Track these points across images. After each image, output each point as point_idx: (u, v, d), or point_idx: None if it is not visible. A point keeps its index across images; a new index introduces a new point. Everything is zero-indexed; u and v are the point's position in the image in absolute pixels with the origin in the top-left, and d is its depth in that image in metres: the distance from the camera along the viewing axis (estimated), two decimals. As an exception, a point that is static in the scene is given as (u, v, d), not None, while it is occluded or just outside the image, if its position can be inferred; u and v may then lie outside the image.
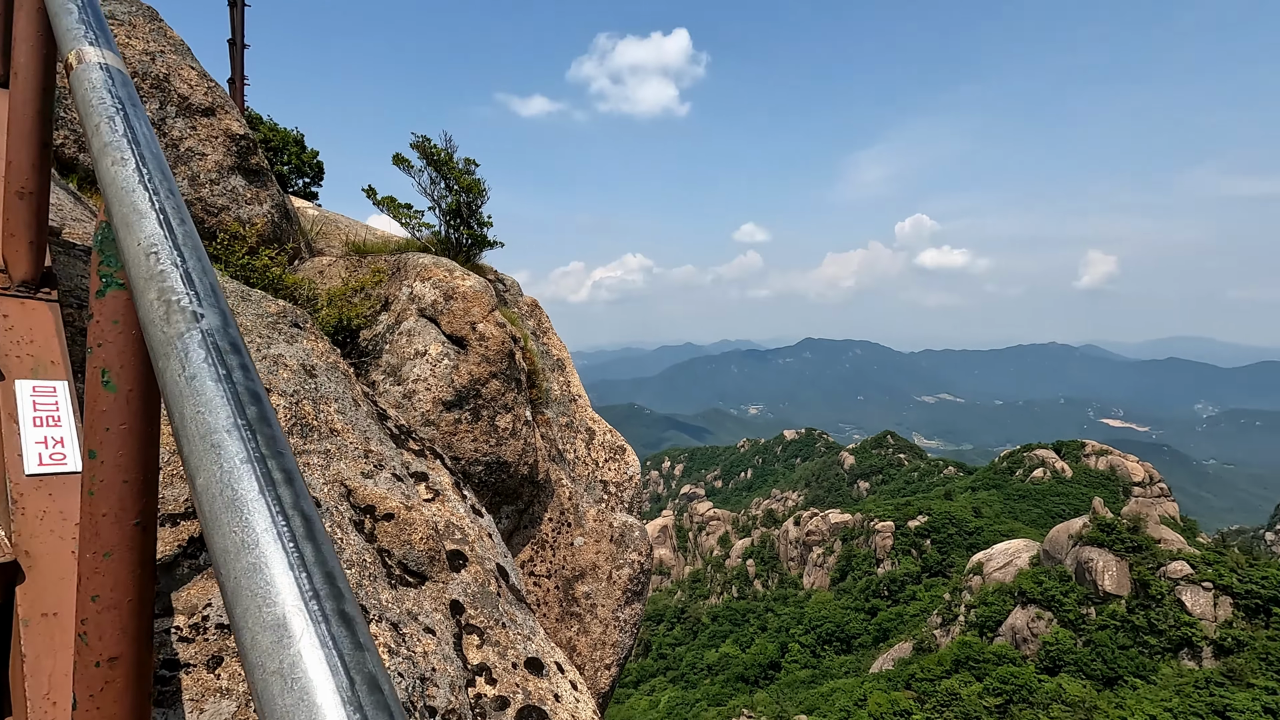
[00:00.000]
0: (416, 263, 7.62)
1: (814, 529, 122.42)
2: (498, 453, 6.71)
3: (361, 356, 7.09)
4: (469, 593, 3.55)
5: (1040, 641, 69.86)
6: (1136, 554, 69.95)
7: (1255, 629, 60.50)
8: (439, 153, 8.40)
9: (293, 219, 8.19)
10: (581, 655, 6.68)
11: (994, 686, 66.09)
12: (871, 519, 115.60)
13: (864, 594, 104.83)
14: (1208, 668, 58.91)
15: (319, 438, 3.63)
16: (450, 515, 4.06)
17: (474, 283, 7.24)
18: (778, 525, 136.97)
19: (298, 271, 7.98)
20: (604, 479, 8.50)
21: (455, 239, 8.74)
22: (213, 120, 6.91)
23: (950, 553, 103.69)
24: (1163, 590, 66.09)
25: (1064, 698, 60.85)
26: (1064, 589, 72.37)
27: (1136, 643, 64.82)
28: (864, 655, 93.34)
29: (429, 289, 7.16)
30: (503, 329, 7.13)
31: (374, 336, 7.21)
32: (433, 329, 6.96)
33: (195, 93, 6.77)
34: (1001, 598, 77.20)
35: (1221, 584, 64.12)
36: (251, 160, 7.24)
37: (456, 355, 6.78)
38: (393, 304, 7.45)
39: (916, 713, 66.47)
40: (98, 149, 1.44)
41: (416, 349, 6.80)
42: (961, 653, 71.51)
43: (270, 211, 7.31)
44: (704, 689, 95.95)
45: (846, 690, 74.87)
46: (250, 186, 7.16)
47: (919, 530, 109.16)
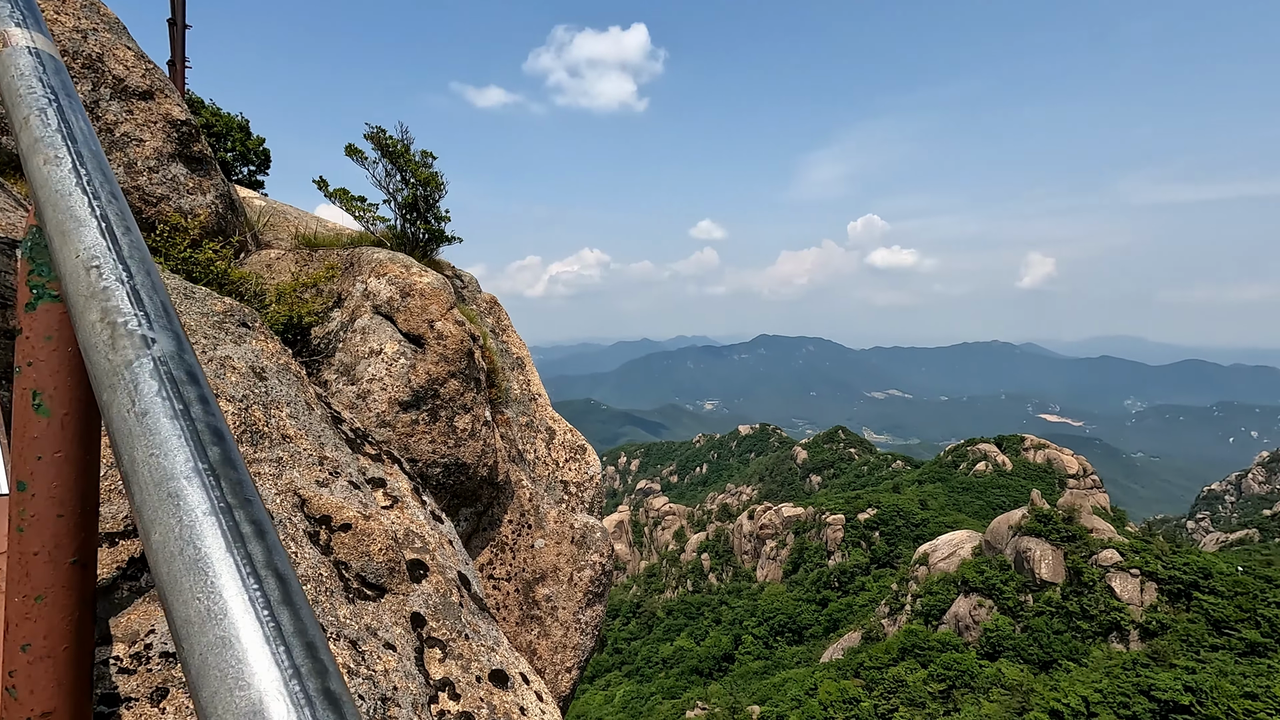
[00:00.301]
0: (371, 258, 7.37)
1: (767, 523, 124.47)
2: (456, 454, 6.54)
3: (313, 355, 6.81)
4: (430, 604, 3.43)
5: (981, 628, 72.61)
6: (1071, 543, 73.31)
7: (1177, 612, 64.20)
8: (394, 144, 8.13)
9: (238, 210, 7.82)
10: (542, 659, 6.59)
11: (938, 673, 68.42)
12: (823, 512, 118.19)
13: (815, 585, 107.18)
14: (1134, 650, 62.24)
15: (270, 445, 3.44)
16: (410, 522, 3.91)
17: (432, 279, 7.03)
18: (732, 519, 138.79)
19: (244, 265, 7.63)
20: (564, 479, 8.38)
21: (412, 234, 8.48)
22: (151, 104, 6.52)
23: (898, 544, 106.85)
24: (1094, 577, 69.44)
25: (1003, 681, 63.40)
26: (1004, 578, 75.36)
27: (1070, 627, 67.99)
28: (815, 645, 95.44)
29: (385, 285, 6.92)
30: (461, 327, 6.95)
31: (326, 334, 6.94)
32: (389, 327, 6.73)
33: (132, 74, 6.37)
34: (946, 587, 79.91)
35: (1147, 571, 67.76)
36: (194, 147, 6.86)
37: (414, 354, 6.58)
38: (346, 300, 7.18)
39: (864, 700, 68.29)
40: (27, 145, 1.27)
41: (371, 347, 6.56)
42: (908, 641, 73.78)
43: (214, 202, 6.95)
44: (659, 682, 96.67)
45: (798, 680, 76.44)
46: (192, 175, 6.78)
47: (868, 523, 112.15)
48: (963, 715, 60.96)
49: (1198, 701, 48.12)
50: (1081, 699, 53.74)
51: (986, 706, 60.12)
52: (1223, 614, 61.10)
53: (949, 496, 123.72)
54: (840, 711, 67.91)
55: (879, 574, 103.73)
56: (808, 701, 69.54)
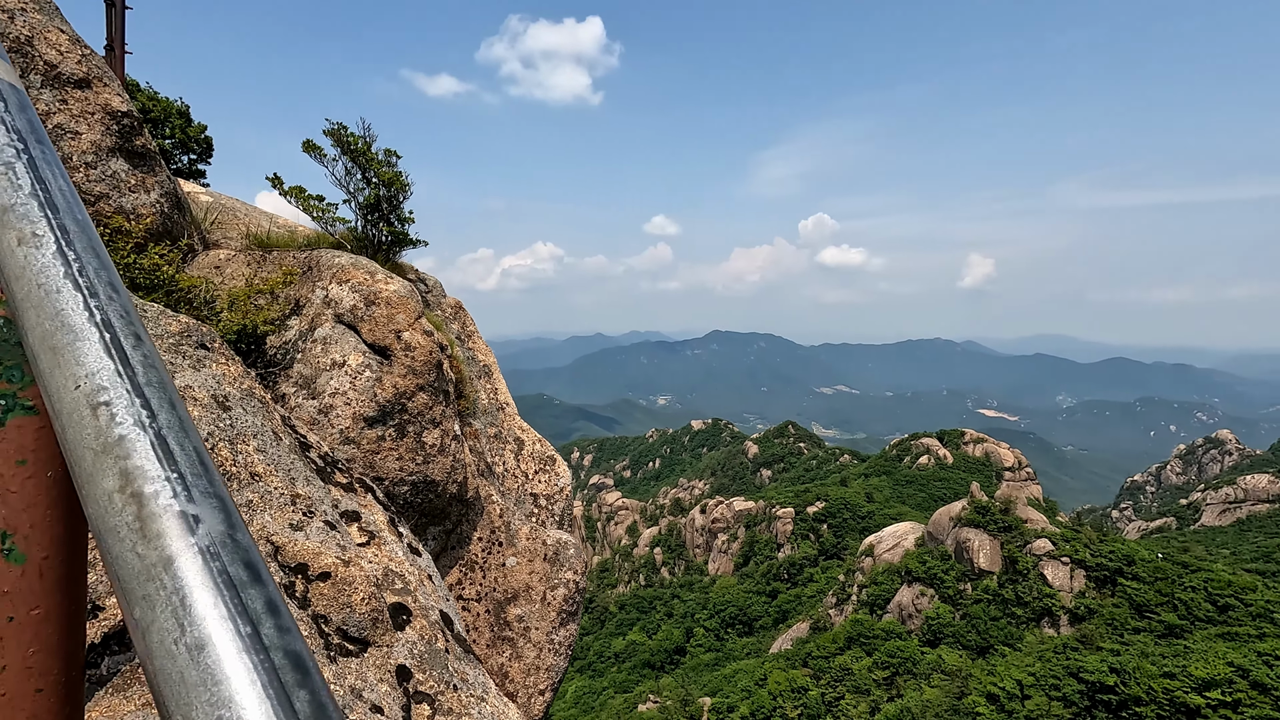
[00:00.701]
0: (332, 262, 6.97)
1: (719, 516, 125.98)
2: (425, 471, 6.25)
3: (269, 367, 6.40)
4: (416, 653, 3.20)
5: (924, 617, 75.21)
6: (1007, 533, 76.57)
7: (1103, 597, 67.85)
8: (356, 141, 7.71)
9: (185, 208, 7.29)
10: (514, 682, 6.38)
11: (882, 660, 70.61)
12: (773, 506, 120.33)
13: (765, 578, 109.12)
14: (1065, 634, 65.53)
15: (239, 486, 3.13)
16: (389, 560, 3.66)
17: (398, 287, 6.70)
18: (684, 514, 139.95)
19: (191, 269, 7.13)
20: (534, 492, 8.13)
21: (373, 236, 8.08)
22: (88, 94, 5.99)
23: (845, 536, 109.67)
24: (1028, 566, 72.72)
25: (943, 667, 65.89)
26: (945, 567, 78.21)
27: (1005, 614, 71.07)
28: (765, 636, 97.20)
29: (348, 293, 6.55)
30: (430, 338, 6.65)
31: (284, 344, 6.53)
32: (352, 337, 6.37)
33: (66, 60, 5.83)
34: (890, 577, 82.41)
35: (1077, 559, 71.35)
36: (136, 141, 6.34)
37: (380, 366, 6.24)
38: (305, 307, 6.77)
39: (812, 689, 69.97)
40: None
41: (334, 359, 6.20)
42: (854, 630, 75.89)
43: (159, 201, 6.45)
44: (610, 677, 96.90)
45: (748, 671, 77.69)
46: (135, 171, 6.27)
47: (817, 515, 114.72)
48: (905, 701, 63.07)
49: (1121, 682, 50.97)
50: (1016, 682, 56.27)
51: (928, 692, 62.37)
52: (1144, 598, 64.88)
53: (894, 489, 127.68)
54: (789, 701, 69.40)
55: (827, 565, 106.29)
56: (757, 692, 70.80)
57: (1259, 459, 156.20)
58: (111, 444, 0.74)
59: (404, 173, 7.98)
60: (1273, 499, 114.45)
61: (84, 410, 0.76)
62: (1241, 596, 60.81)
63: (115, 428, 0.75)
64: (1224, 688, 46.33)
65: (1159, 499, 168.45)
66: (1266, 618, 57.55)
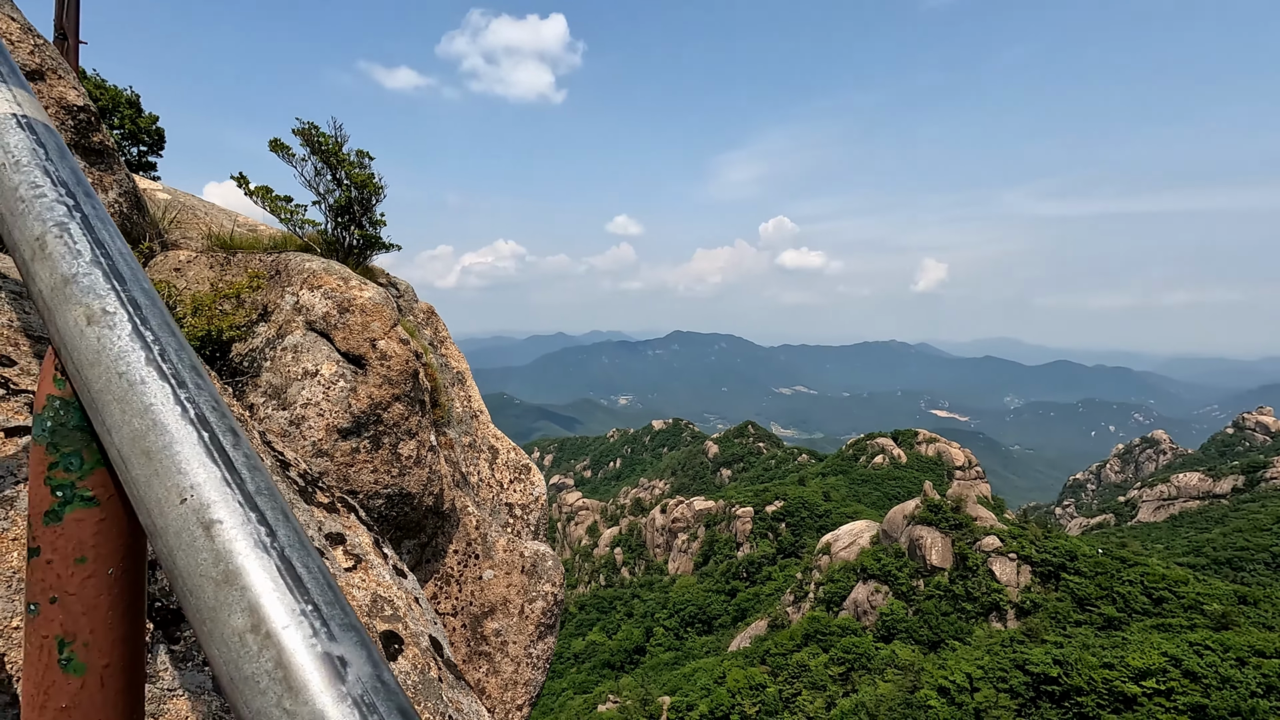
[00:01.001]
0: (303, 267, 6.73)
1: (679, 516, 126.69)
2: (400, 484, 6.09)
3: (235, 375, 6.15)
4: (410, 684, 3.09)
5: (878, 613, 77.03)
6: (958, 531, 78.99)
7: (1048, 592, 70.56)
8: (328, 142, 7.46)
9: (144, 209, 6.96)
10: (491, 698, 6.27)
11: (838, 656, 72.08)
12: (733, 505, 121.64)
13: (725, 576, 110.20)
14: (1011, 628, 67.92)
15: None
16: (377, 585, 3.54)
17: (373, 294, 6.51)
18: (645, 514, 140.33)
19: (150, 271, 6.80)
20: (509, 501, 7.98)
21: (344, 239, 7.84)
22: (41, 86, 5.65)
23: (803, 534, 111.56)
24: (978, 562, 75.16)
25: (896, 662, 67.61)
26: (899, 564, 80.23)
27: (956, 609, 73.30)
28: (724, 635, 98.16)
29: (320, 300, 6.34)
30: (406, 346, 6.48)
31: (251, 351, 6.28)
32: (325, 345, 6.17)
33: (17, 51, 5.49)
34: (846, 575, 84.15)
35: (1023, 555, 74.04)
36: (93, 138, 6.02)
37: (354, 376, 6.05)
38: (273, 313, 6.52)
39: (770, 686, 70.96)
40: (49, 287, 0.77)
41: (305, 368, 5.99)
42: (811, 627, 77.24)
43: (118, 201, 6.13)
44: (570, 678, 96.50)
45: (707, 669, 78.34)
46: (92, 170, 5.94)
47: (775, 514, 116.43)
48: (860, 696, 64.50)
49: (1064, 673, 53.10)
50: (965, 676, 58.10)
51: (882, 687, 63.92)
52: (1085, 592, 67.73)
53: (850, 488, 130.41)
54: (747, 698, 70.26)
55: (785, 564, 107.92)
56: (716, 690, 71.47)
57: (1190, 458, 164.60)
58: (234, 573, 0.65)
59: (377, 174, 7.77)
60: (1202, 496, 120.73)
61: (195, 531, 0.67)
62: (1175, 590, 64.00)
63: (235, 554, 0.66)
64: (1159, 677, 48.69)
65: (1099, 496, 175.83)
66: (1197, 609, 60.71)
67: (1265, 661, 47.54)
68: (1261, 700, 45.04)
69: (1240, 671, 47.59)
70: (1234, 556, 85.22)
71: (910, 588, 77.87)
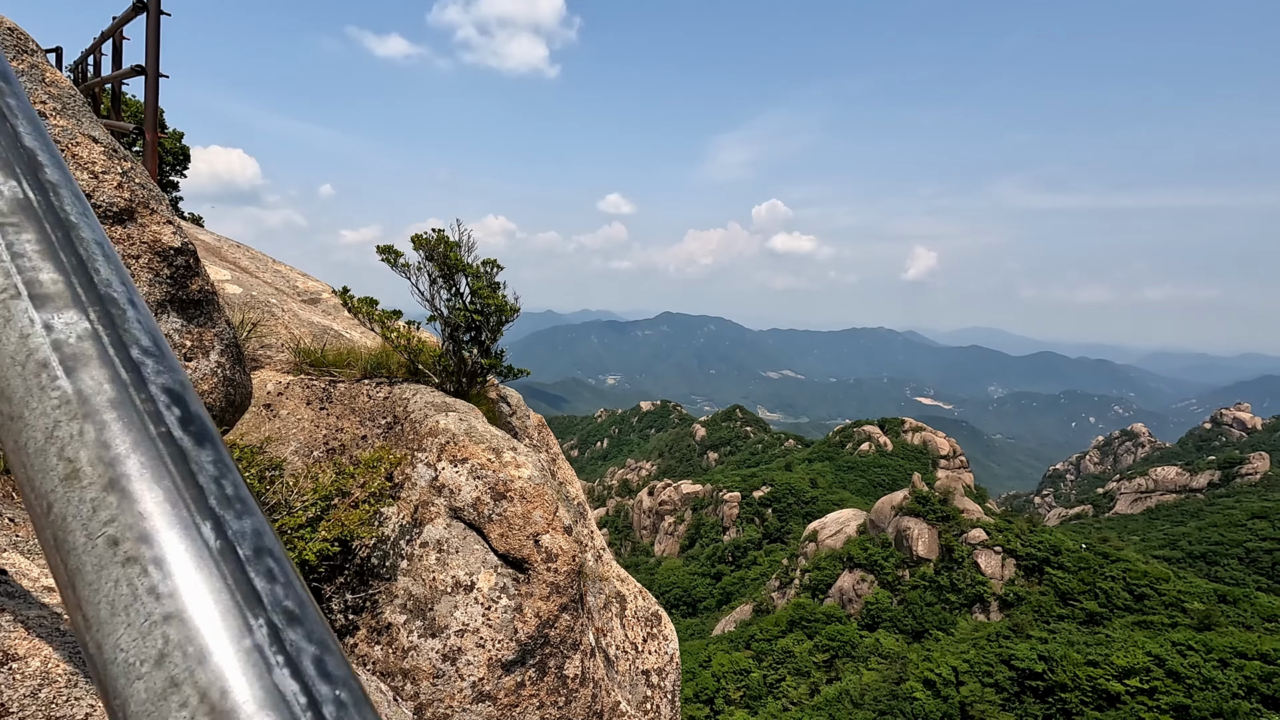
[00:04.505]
0: (434, 426, 5.27)
1: (667, 499, 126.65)
2: (565, 715, 4.73)
3: (364, 580, 4.69)
4: None
5: (863, 601, 77.39)
6: (945, 523, 79.27)
7: (1031, 585, 71.08)
8: (454, 256, 6.17)
9: (243, 361, 5.45)
10: None
11: (823, 643, 72.39)
12: (720, 489, 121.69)
13: (710, 560, 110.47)
14: (995, 620, 68.42)
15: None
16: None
17: (532, 471, 5.05)
18: (632, 495, 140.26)
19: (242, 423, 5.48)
20: (645, 668, 6.54)
21: (464, 360, 6.63)
22: (131, 229, 4.30)
23: (789, 520, 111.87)
24: (963, 554, 75.54)
25: (881, 651, 67.98)
26: (885, 554, 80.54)
27: (940, 600, 73.76)
28: (709, 618, 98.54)
29: (467, 480, 4.89)
30: (569, 536, 5.02)
31: (380, 544, 4.81)
32: (478, 544, 4.73)
33: (103, 185, 4.16)
34: (832, 562, 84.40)
35: (1008, 548, 74.48)
36: (192, 286, 4.57)
37: (516, 588, 4.62)
38: (403, 488, 5.01)
39: (754, 671, 71.22)
40: None
41: (456, 577, 4.55)
42: (796, 613, 77.49)
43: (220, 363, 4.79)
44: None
45: (691, 653, 78.46)
46: (190, 329, 4.44)
47: (762, 500, 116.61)
48: (844, 683, 64.84)
49: (1049, 669, 53.46)
50: (952, 669, 58.41)
51: (866, 675, 64.23)
52: (1068, 586, 68.25)
53: (836, 475, 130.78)
54: (731, 682, 70.53)
55: (771, 549, 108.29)
56: (701, 674, 71.63)
57: (1168, 451, 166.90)
58: None
59: (509, 293, 6.58)
60: (1179, 490, 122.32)
61: None
62: (1156, 587, 64.61)
63: None
64: (1142, 676, 49.08)
65: (1078, 487, 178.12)
66: (1178, 607, 61.32)
67: (1247, 663, 48.03)
68: (1243, 701, 45.54)
69: (1223, 673, 48.09)
70: (1209, 551, 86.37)
71: (896, 577, 78.24)
